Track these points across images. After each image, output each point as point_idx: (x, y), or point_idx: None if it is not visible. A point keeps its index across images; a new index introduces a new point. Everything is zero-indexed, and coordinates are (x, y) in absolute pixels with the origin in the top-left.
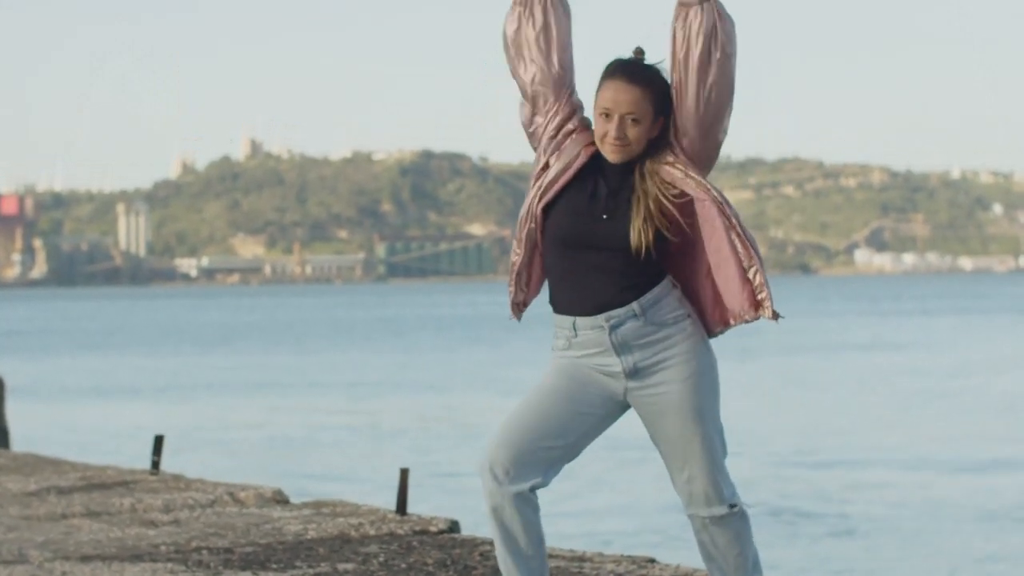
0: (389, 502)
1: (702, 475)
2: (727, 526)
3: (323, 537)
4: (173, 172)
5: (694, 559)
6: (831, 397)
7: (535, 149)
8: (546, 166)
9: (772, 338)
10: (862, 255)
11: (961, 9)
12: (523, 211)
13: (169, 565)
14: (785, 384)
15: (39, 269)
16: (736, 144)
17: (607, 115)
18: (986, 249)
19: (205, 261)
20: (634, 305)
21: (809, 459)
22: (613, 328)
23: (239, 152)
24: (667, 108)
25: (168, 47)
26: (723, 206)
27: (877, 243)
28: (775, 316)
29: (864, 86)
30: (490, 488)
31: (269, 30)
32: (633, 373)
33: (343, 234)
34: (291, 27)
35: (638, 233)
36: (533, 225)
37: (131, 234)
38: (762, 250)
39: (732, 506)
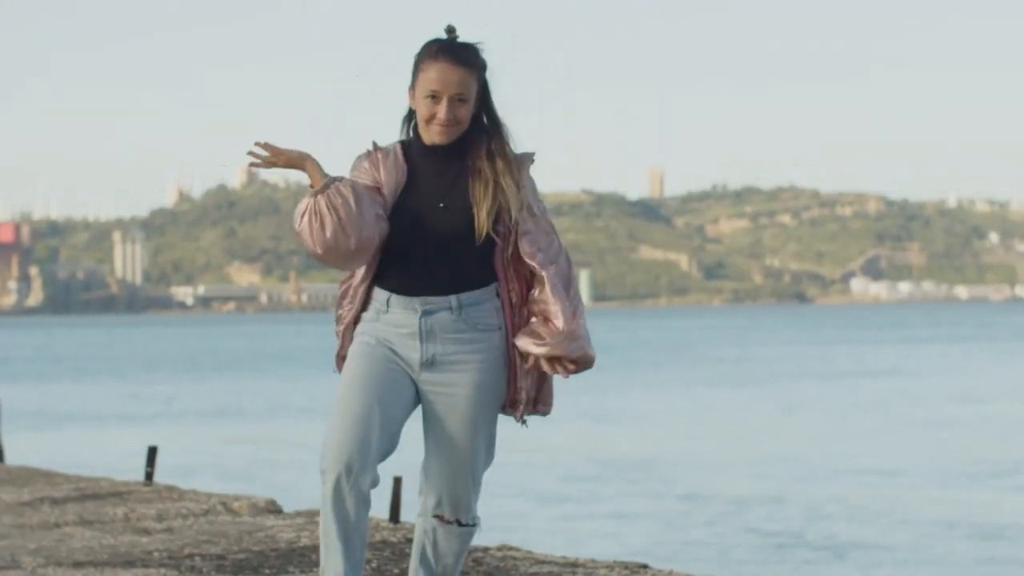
0: (382, 511)
1: (462, 482)
2: (459, 537)
3: (316, 544)
4: (169, 200)
5: (687, 566)
6: (826, 422)
7: None
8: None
9: (767, 365)
10: (858, 284)
11: (957, 39)
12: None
13: (162, 571)
14: (779, 410)
15: (35, 297)
16: (732, 173)
17: (434, 97)
18: (982, 278)
19: (201, 289)
20: (452, 298)
21: (803, 482)
22: (425, 314)
23: (235, 180)
24: (483, 80)
25: (164, 74)
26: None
27: (873, 272)
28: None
29: (860, 115)
30: (335, 485)
31: (264, 57)
32: (429, 364)
33: None
34: (286, 54)
35: (483, 218)
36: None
37: (127, 262)
38: (758, 279)
39: (473, 522)
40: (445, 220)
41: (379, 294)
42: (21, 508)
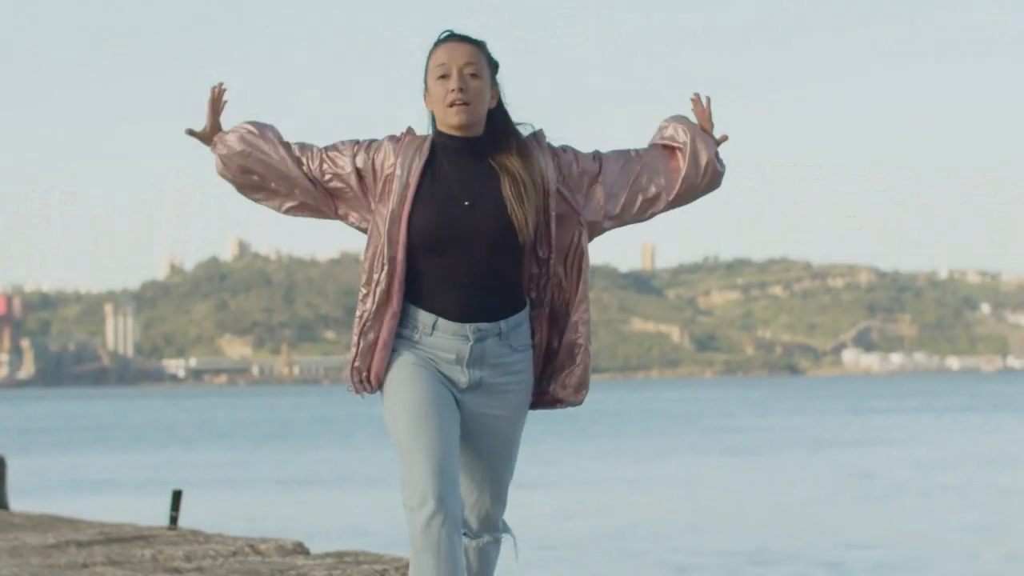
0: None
1: (498, 500)
2: (490, 552)
3: None
4: (161, 273)
5: None
6: (822, 489)
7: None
8: (386, 185)
9: (759, 436)
10: (850, 355)
11: (945, 110)
12: (377, 243)
13: None
14: (778, 476)
15: (27, 370)
16: (724, 244)
17: (445, 75)
18: (974, 349)
19: (193, 362)
20: (501, 323)
21: (800, 546)
22: (477, 340)
23: (227, 253)
24: (495, 79)
25: (154, 146)
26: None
27: (865, 343)
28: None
29: (851, 186)
30: (429, 517)
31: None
32: (475, 387)
33: (330, 335)
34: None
35: (520, 217)
36: (392, 254)
37: (119, 335)
38: (750, 351)
39: (501, 533)
40: (472, 220)
41: (423, 316)
42: (48, 550)
